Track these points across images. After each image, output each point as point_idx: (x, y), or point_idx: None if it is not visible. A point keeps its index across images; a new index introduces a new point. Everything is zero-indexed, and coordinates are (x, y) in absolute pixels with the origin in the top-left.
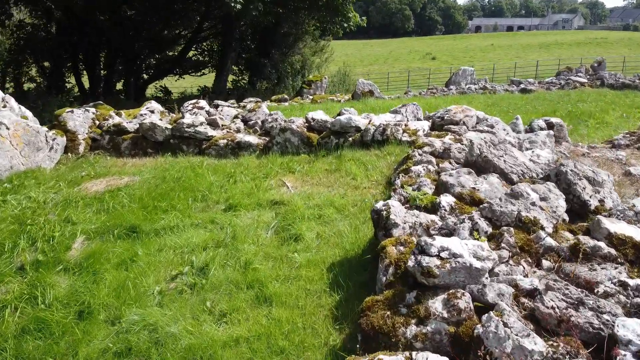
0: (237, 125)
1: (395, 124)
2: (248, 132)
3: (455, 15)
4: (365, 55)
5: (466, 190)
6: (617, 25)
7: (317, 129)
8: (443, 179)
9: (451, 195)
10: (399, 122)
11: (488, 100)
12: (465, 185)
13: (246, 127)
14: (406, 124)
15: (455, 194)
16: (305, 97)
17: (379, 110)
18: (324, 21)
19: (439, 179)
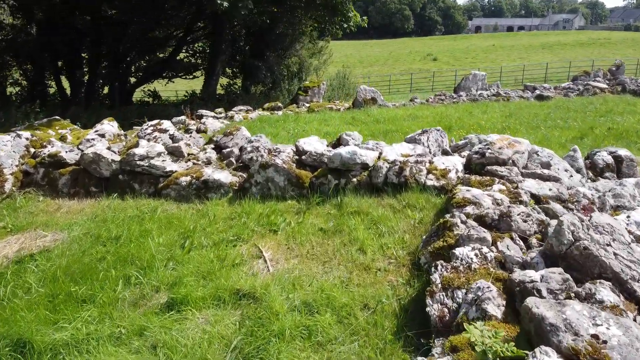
0: (208, 154)
1: (417, 160)
2: (220, 165)
3: (455, 15)
4: (364, 56)
5: (582, 342)
6: (618, 25)
7: (310, 164)
8: (535, 311)
9: (555, 352)
10: (421, 157)
11: (504, 110)
12: (579, 330)
13: (220, 156)
14: (431, 161)
15: (562, 350)
16: (301, 105)
17: (383, 121)
18: (322, 21)
19: (515, 290)
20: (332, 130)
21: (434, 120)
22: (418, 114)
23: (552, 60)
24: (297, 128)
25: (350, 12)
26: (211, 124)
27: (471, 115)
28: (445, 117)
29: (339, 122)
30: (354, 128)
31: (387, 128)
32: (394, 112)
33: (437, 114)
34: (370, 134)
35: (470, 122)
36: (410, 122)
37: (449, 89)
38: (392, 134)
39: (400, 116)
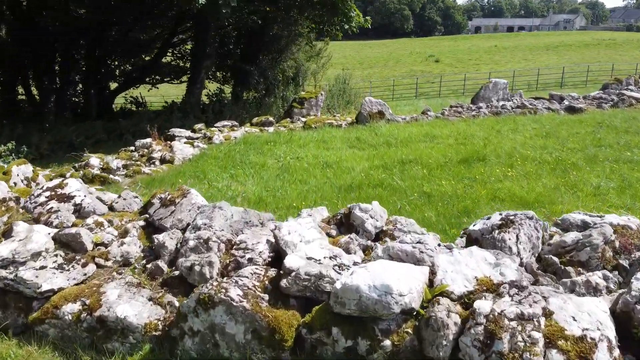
0: (125, 249)
1: (521, 315)
2: (139, 279)
3: (455, 15)
4: (364, 57)
5: None
6: (620, 25)
7: (296, 295)
8: None
9: None
10: (521, 292)
11: (536, 127)
12: None
13: (150, 245)
14: (548, 311)
15: None
16: (296, 120)
17: (396, 144)
18: (320, 21)
19: None
20: (332, 159)
21: (457, 142)
22: (436, 132)
23: (559, 61)
24: (289, 154)
25: (352, 11)
26: (180, 151)
27: (500, 135)
28: (469, 137)
29: (341, 145)
30: (360, 154)
31: (403, 156)
32: (406, 129)
33: (459, 133)
34: (381, 164)
35: (505, 147)
36: (429, 145)
37: (457, 94)
38: (412, 167)
39: (415, 136)
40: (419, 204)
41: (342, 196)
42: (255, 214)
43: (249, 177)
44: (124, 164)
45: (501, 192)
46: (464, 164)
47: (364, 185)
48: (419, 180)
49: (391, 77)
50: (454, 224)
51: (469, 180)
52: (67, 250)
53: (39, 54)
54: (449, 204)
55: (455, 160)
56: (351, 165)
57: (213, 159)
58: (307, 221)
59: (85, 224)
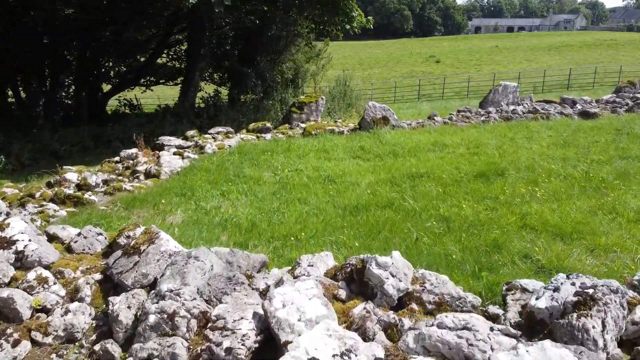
0: (68, 322)
1: None
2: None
3: (454, 15)
4: (364, 58)
5: None
6: (621, 25)
7: None
8: None
9: None
10: None
11: (552, 135)
12: None
13: (100, 325)
14: None
15: None
16: (295, 125)
17: (403, 154)
18: (320, 22)
19: None
20: (335, 171)
21: (469, 151)
22: (445, 140)
23: (562, 62)
24: (287, 166)
25: (354, 10)
26: (168, 163)
27: (514, 143)
28: (481, 146)
29: (344, 155)
30: (364, 166)
31: (412, 168)
32: (412, 137)
33: (470, 141)
34: (389, 179)
35: (522, 159)
36: (439, 155)
37: (461, 96)
38: (423, 182)
39: (423, 144)
40: (438, 232)
41: (347, 220)
42: (244, 256)
43: (242, 194)
44: (105, 179)
45: (531, 217)
46: (481, 179)
47: (371, 205)
48: (433, 199)
49: (392, 78)
50: (484, 264)
51: (491, 201)
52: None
53: (27, 56)
54: (473, 234)
55: (471, 175)
56: (355, 179)
57: (204, 172)
58: (308, 286)
59: (26, 281)
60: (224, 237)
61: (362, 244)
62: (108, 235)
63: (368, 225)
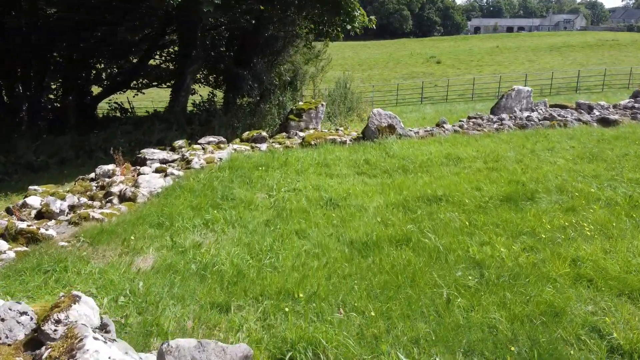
0: None
1: None
2: None
3: (454, 15)
4: (363, 58)
5: None
6: (621, 26)
7: None
8: None
9: None
10: None
11: (574, 146)
12: None
13: None
14: None
15: None
16: (293, 135)
17: (414, 169)
18: (320, 21)
19: None
20: (338, 192)
21: (486, 166)
22: (459, 152)
23: (564, 63)
24: (283, 185)
25: (356, 10)
26: (147, 183)
27: (535, 156)
28: (500, 159)
29: (347, 170)
30: (371, 185)
31: (426, 188)
32: (422, 148)
33: (486, 153)
34: (401, 202)
35: (549, 176)
36: (454, 171)
37: (465, 99)
38: (442, 208)
39: (435, 157)
40: (473, 287)
41: (356, 264)
42: (218, 350)
43: (230, 225)
44: (72, 204)
45: (584, 265)
46: (509, 205)
47: (383, 241)
48: (458, 233)
49: (392, 79)
50: (544, 347)
51: (529, 237)
52: None
53: (9, 58)
54: (519, 293)
55: (496, 198)
56: (362, 202)
57: (187, 194)
58: None
59: None
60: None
61: (379, 308)
62: (39, 308)
63: (383, 274)
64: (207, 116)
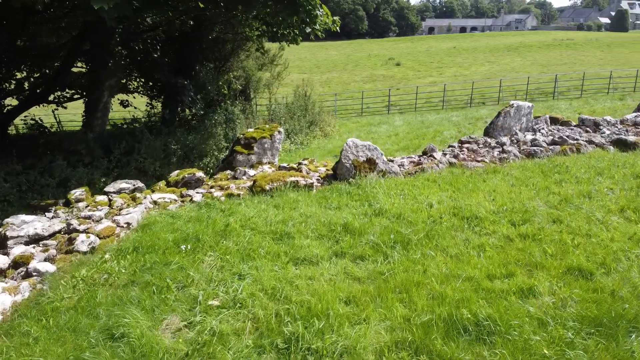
0: None
1: None
2: None
3: (409, 16)
4: (321, 60)
5: None
6: (571, 25)
7: None
8: None
9: None
10: None
11: (611, 184)
12: None
13: None
14: None
15: None
16: (241, 174)
17: (416, 242)
18: (273, 22)
19: None
20: (308, 310)
21: (515, 230)
22: (469, 205)
23: (524, 63)
24: (217, 289)
25: (318, 8)
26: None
27: (571, 208)
28: (529, 217)
29: (320, 248)
30: (358, 278)
31: (447, 289)
32: (418, 196)
33: (506, 204)
34: (411, 328)
35: (619, 255)
36: (474, 242)
37: (436, 108)
38: (486, 348)
39: (442, 215)
40: None
41: None
42: None
43: None
44: None
45: None
46: (601, 336)
47: None
48: None
49: (352, 82)
50: None
51: None
52: None
53: None
54: None
55: (579, 321)
56: (349, 334)
57: (40, 330)
58: None
59: None
60: None
61: None
62: None
63: None
64: (132, 142)
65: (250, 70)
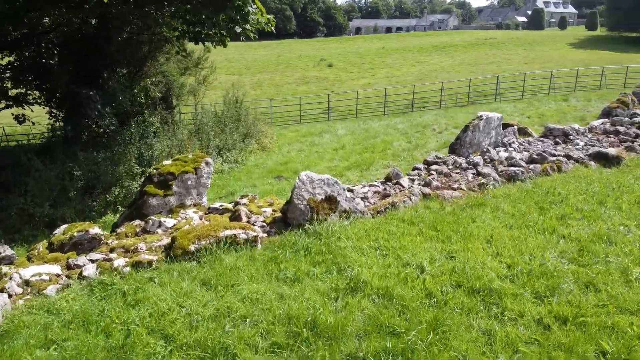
0: None
1: None
2: None
3: (336, 16)
4: (251, 61)
5: None
6: (490, 24)
7: None
8: None
9: None
10: None
11: (626, 223)
12: None
13: None
14: None
15: None
16: (154, 227)
17: (423, 351)
18: (196, 21)
19: None
20: None
21: (547, 310)
22: (478, 272)
23: (453, 63)
24: None
25: (250, 4)
26: None
27: (596, 261)
28: (554, 284)
29: None
30: None
31: None
32: (396, 249)
33: (527, 269)
34: None
35: None
36: (502, 335)
37: (377, 112)
38: None
39: (442, 288)
40: None
41: None
42: None
43: None
44: None
45: None
46: None
47: None
48: None
49: (285, 84)
50: None
51: None
52: None
53: None
54: None
55: None
56: None
57: None
58: None
59: None
60: None
61: None
62: None
63: None
64: (15, 174)
65: (171, 75)
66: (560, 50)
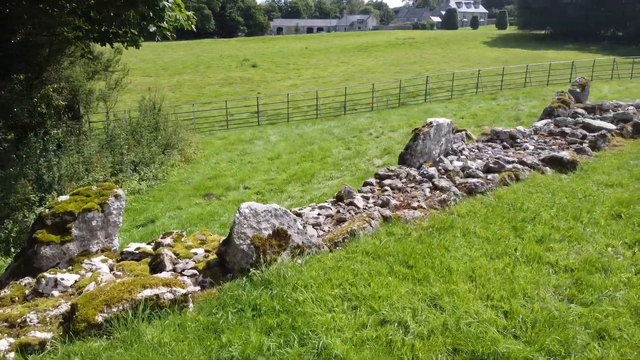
0: None
1: None
2: None
3: (256, 15)
4: (168, 62)
5: None
6: (407, 24)
7: None
8: None
9: None
10: None
11: (626, 253)
12: None
13: None
14: None
15: None
16: (48, 287)
17: None
18: (100, 19)
19: None
20: None
21: None
22: (477, 331)
23: (377, 63)
24: None
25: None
26: None
27: (595, 299)
28: (568, 335)
29: None
30: None
31: None
32: (367, 298)
33: (531, 318)
34: None
35: None
36: None
37: (308, 116)
38: None
39: (434, 350)
40: None
41: None
42: None
43: None
44: None
45: None
46: None
47: None
48: None
49: (207, 86)
50: None
51: None
52: None
53: None
54: None
55: None
56: None
57: None
58: None
59: None
60: None
61: None
62: None
63: None
64: None
65: (77, 81)
66: (476, 49)
